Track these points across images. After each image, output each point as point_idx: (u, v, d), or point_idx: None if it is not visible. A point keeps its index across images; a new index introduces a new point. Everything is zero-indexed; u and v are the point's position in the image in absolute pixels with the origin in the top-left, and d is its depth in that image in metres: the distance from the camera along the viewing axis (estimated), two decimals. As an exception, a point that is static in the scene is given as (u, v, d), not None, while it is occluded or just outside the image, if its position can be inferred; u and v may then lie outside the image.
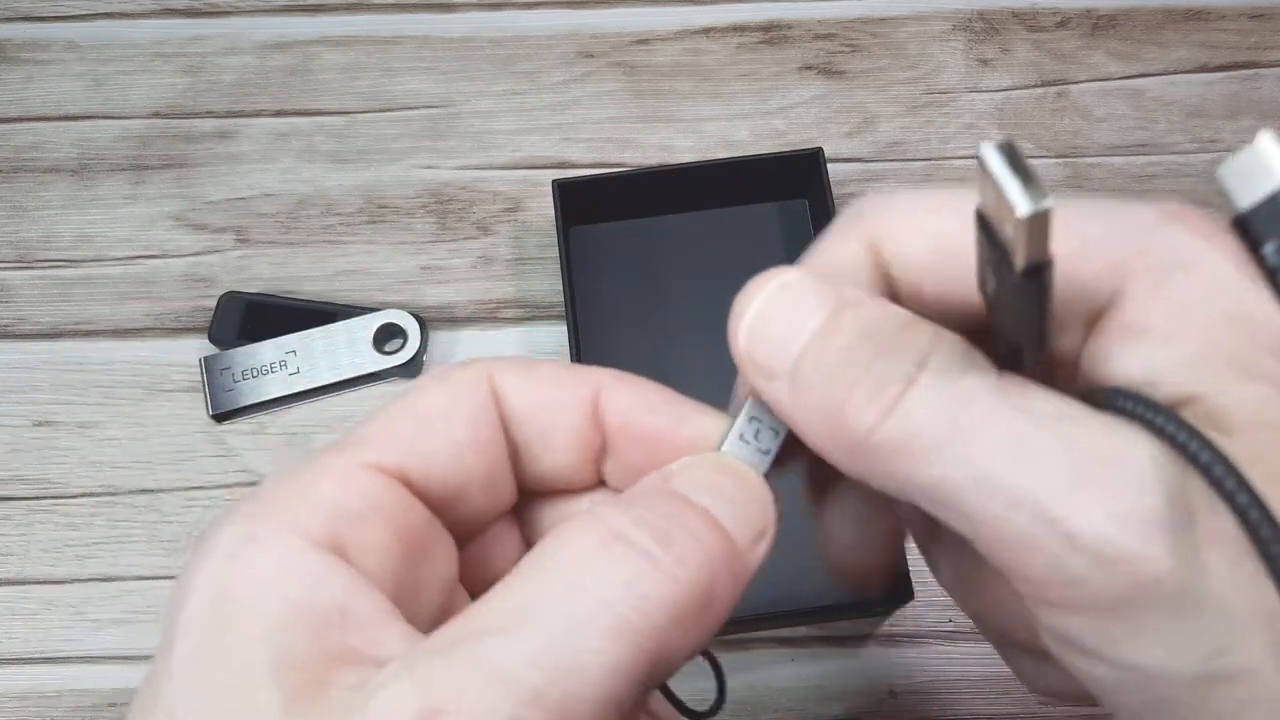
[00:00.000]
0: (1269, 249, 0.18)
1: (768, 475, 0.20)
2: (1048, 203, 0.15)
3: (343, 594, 0.17)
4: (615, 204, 0.46)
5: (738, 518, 0.19)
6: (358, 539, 0.18)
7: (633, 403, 0.21)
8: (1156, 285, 0.18)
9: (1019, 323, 0.17)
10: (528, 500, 0.23)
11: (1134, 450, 0.16)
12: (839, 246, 0.20)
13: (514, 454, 0.21)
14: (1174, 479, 0.16)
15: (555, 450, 0.21)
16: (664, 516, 0.18)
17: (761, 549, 0.19)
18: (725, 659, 0.42)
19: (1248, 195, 0.19)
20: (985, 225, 0.17)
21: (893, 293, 0.20)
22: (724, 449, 0.20)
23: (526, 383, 0.21)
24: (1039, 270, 0.16)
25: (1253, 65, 0.50)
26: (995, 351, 0.18)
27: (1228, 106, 0.50)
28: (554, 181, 0.44)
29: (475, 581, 0.21)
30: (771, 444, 0.20)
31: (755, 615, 0.38)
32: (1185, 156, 0.49)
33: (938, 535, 0.22)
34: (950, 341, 0.18)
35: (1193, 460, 0.17)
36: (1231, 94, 0.50)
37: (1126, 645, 0.16)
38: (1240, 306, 0.18)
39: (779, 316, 0.19)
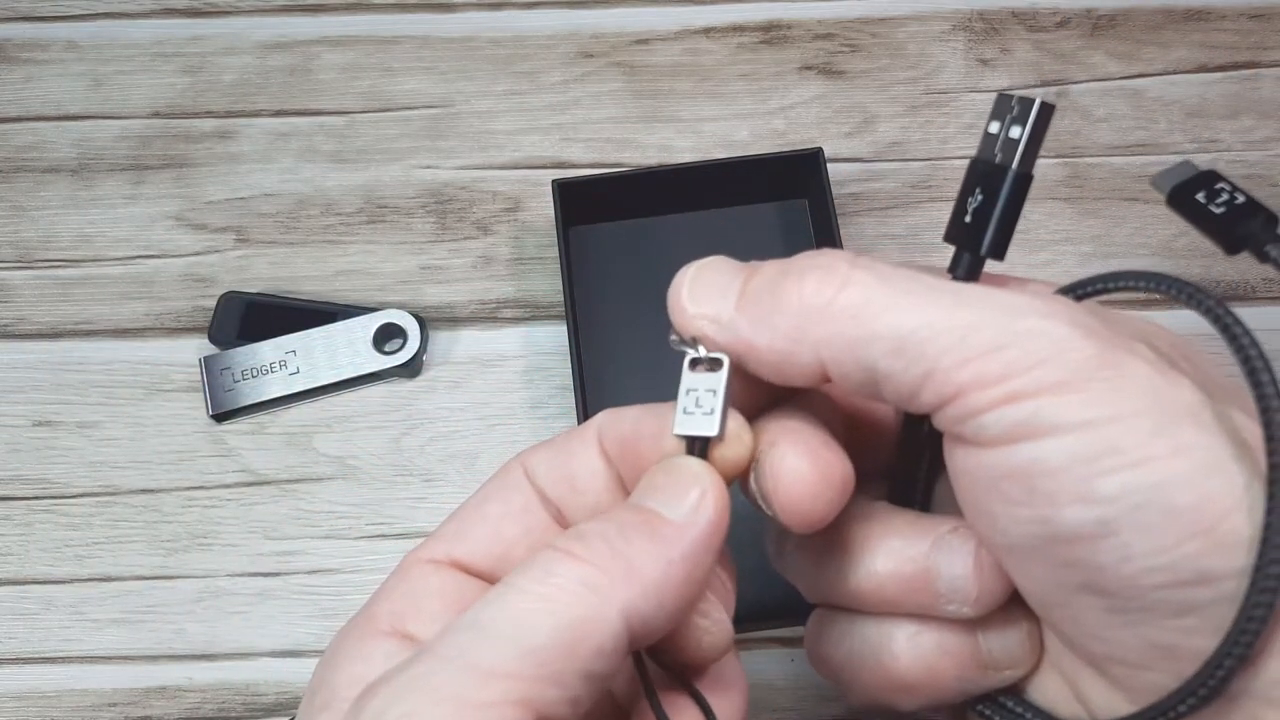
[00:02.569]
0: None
1: (715, 433, 0.22)
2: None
3: (391, 663, 0.21)
4: (615, 204, 0.46)
5: (662, 497, 0.22)
6: (417, 618, 0.23)
7: (620, 429, 0.24)
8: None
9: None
10: None
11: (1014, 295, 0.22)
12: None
13: (559, 515, 0.25)
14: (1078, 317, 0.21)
15: (583, 493, 0.24)
16: (581, 524, 0.22)
17: (706, 509, 0.22)
18: (725, 659, 0.41)
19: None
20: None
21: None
22: (674, 429, 0.23)
23: (545, 451, 0.25)
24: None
25: (1253, 65, 0.50)
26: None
27: (1228, 106, 0.50)
28: (554, 181, 0.44)
29: None
30: (713, 402, 0.23)
31: (754, 614, 0.39)
32: (1185, 156, 0.48)
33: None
34: (864, 254, 0.23)
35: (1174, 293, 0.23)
36: (1231, 94, 0.50)
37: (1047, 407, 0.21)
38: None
39: (710, 274, 0.24)
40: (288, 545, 0.43)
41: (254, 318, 0.45)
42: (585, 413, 0.41)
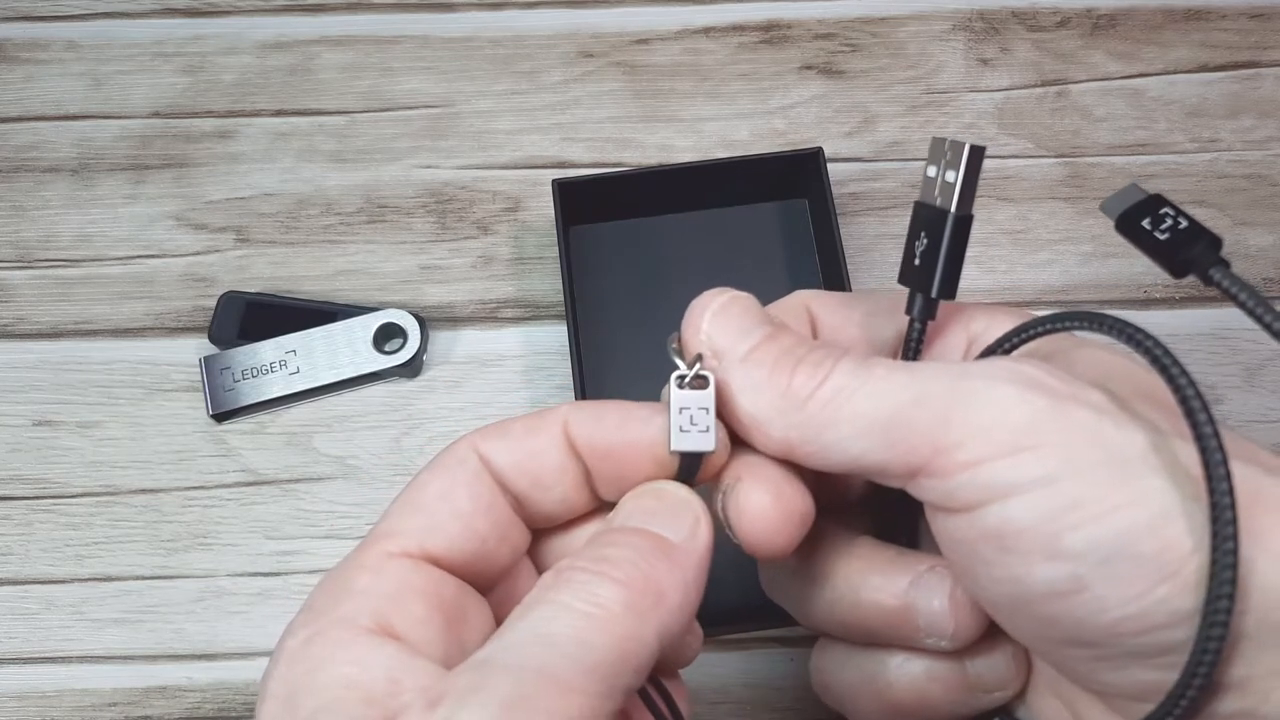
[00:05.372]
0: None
1: (713, 449, 0.24)
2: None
3: (391, 666, 0.21)
4: (615, 204, 0.46)
5: (664, 521, 0.23)
6: (401, 617, 0.22)
7: (593, 426, 0.25)
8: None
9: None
10: (543, 536, 0.26)
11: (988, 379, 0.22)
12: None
13: (517, 504, 0.25)
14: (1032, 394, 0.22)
15: (549, 489, 0.25)
16: (600, 545, 0.22)
17: (701, 533, 0.23)
18: (725, 659, 0.42)
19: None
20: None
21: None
22: (672, 445, 0.24)
23: (505, 442, 0.25)
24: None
25: (1253, 65, 0.50)
26: None
27: (1228, 106, 0.50)
28: (554, 181, 0.44)
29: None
30: (706, 419, 0.24)
31: (751, 610, 0.39)
32: (1185, 156, 0.49)
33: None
34: (854, 351, 0.24)
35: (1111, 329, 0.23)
36: (1231, 94, 0.50)
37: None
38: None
39: (736, 315, 0.25)
40: (288, 545, 0.43)
41: (254, 318, 0.45)
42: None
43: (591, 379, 0.43)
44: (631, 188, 0.45)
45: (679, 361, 0.25)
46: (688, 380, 0.24)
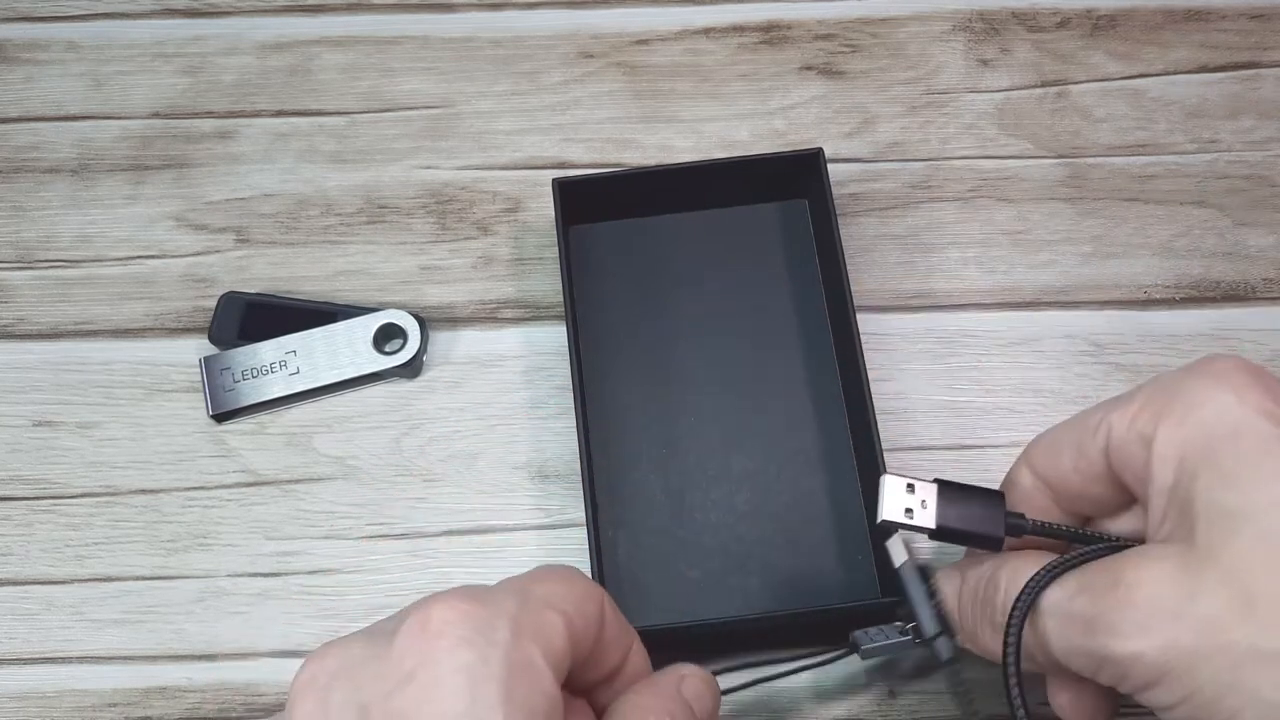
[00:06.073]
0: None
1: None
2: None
3: None
4: (615, 203, 0.46)
5: (706, 710, 0.29)
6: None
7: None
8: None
9: None
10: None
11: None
12: (1017, 473, 0.33)
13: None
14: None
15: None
16: (676, 711, 0.28)
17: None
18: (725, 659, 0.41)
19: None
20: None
21: (1055, 494, 0.32)
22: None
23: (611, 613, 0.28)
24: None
25: (1253, 65, 0.50)
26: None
27: (1228, 106, 0.50)
28: (554, 180, 0.44)
29: None
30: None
31: (759, 616, 0.39)
32: (1185, 156, 0.49)
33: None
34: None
35: None
36: (1231, 94, 0.50)
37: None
38: None
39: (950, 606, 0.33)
40: (288, 545, 0.43)
41: (254, 318, 0.45)
42: (585, 413, 0.41)
43: (591, 379, 0.43)
44: (632, 187, 0.45)
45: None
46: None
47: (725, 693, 0.33)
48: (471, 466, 0.43)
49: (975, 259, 0.47)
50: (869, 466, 0.40)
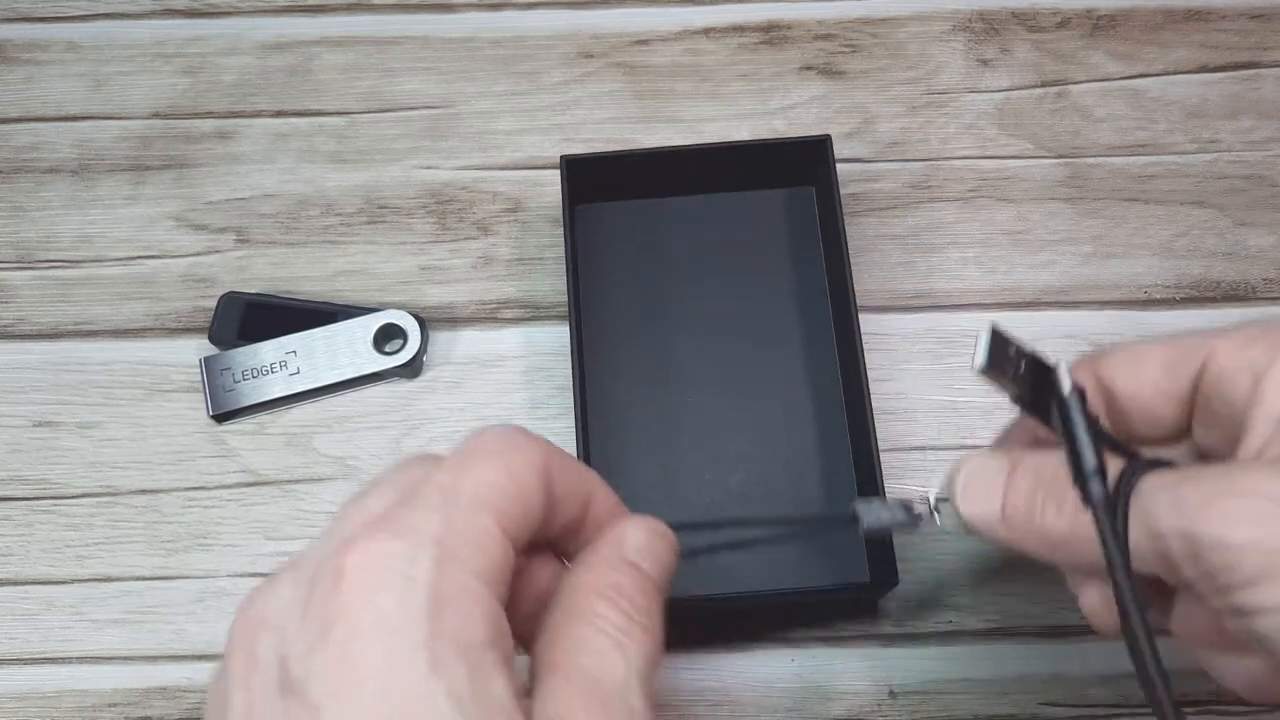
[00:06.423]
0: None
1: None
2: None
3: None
4: (622, 183, 0.46)
5: (660, 562, 0.28)
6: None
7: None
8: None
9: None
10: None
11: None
12: (1081, 371, 0.30)
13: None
14: None
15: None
16: (621, 581, 0.27)
17: (672, 572, 0.28)
18: (726, 659, 0.42)
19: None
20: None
21: (1110, 401, 0.30)
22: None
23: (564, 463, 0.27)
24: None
25: (1253, 65, 0.50)
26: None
27: (1228, 106, 0.50)
28: (562, 157, 0.44)
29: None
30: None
31: (748, 594, 0.40)
32: (1185, 157, 0.49)
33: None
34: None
35: None
36: (1231, 94, 0.50)
37: None
38: None
39: (974, 493, 0.29)
40: (288, 545, 0.43)
41: (254, 318, 0.45)
42: (585, 412, 0.41)
43: (592, 379, 0.43)
44: (638, 168, 0.45)
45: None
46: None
47: (698, 553, 0.32)
48: (472, 466, 0.43)
49: (975, 259, 0.47)
50: (863, 450, 0.40)
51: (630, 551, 0.27)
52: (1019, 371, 0.28)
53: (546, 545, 0.28)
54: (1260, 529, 0.24)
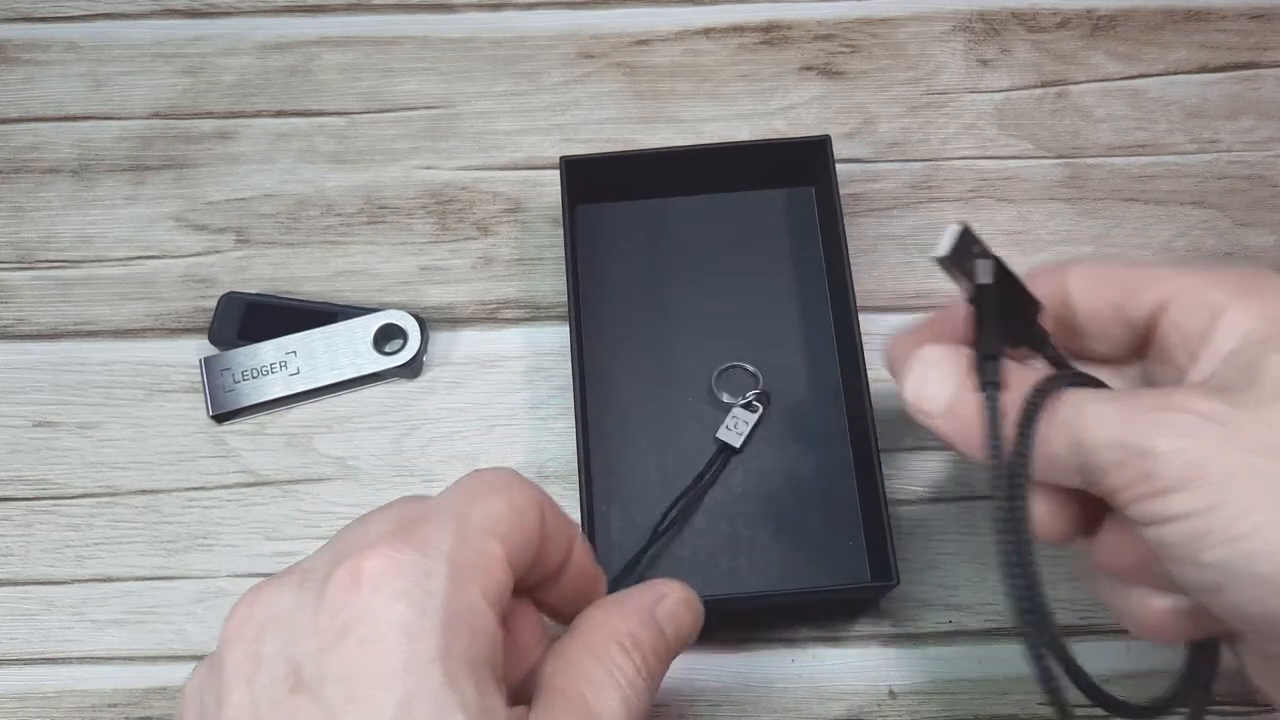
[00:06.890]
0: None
1: None
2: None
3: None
4: (622, 184, 0.46)
5: (681, 633, 0.29)
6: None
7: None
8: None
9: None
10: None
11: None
12: (1045, 276, 0.31)
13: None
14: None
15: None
16: (643, 637, 0.28)
17: (687, 646, 0.29)
18: (726, 659, 0.42)
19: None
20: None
21: (1068, 312, 0.31)
22: None
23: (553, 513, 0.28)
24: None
25: (1253, 65, 0.50)
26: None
27: (1228, 107, 0.50)
28: (561, 158, 0.44)
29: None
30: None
31: (748, 595, 0.39)
32: (1185, 157, 0.49)
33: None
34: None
35: None
36: (1231, 94, 0.50)
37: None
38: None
39: (930, 381, 0.30)
40: (288, 546, 0.43)
41: (254, 318, 0.45)
42: (585, 412, 0.41)
43: (592, 379, 0.43)
44: (638, 168, 0.45)
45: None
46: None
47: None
48: (472, 467, 0.43)
49: (975, 259, 0.47)
50: (863, 450, 0.40)
51: (661, 613, 0.28)
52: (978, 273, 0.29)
53: (525, 592, 0.28)
54: (1185, 439, 0.25)
